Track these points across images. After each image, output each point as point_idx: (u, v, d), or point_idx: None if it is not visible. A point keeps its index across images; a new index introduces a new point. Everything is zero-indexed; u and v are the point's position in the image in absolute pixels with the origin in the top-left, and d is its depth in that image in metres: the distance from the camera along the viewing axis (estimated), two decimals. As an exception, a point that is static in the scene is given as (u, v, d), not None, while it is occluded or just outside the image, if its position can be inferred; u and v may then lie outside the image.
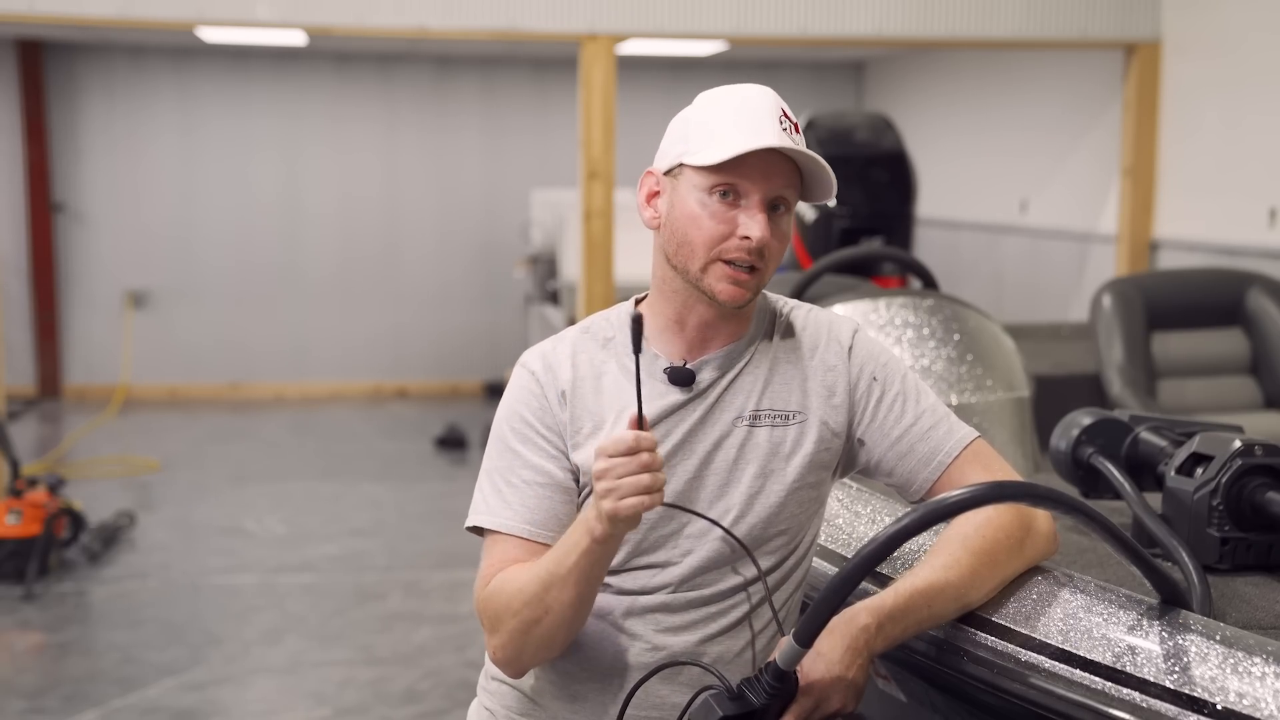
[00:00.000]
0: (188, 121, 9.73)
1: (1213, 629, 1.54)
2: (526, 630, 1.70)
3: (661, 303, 1.81)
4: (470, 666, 4.71)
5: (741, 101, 1.75)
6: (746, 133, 1.70)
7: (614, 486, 1.57)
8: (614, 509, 1.57)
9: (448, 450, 8.22)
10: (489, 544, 1.78)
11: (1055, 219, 7.25)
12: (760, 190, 1.72)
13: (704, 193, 1.73)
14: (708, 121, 1.74)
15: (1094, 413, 2.22)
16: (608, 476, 1.57)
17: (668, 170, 1.77)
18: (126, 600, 5.42)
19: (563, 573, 1.66)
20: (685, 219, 1.74)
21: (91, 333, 9.77)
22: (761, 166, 1.71)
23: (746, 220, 1.71)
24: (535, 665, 1.78)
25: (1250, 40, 5.55)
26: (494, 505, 1.78)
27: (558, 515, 1.76)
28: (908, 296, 3.16)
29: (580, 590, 1.67)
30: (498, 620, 1.72)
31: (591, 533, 1.62)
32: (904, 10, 6.03)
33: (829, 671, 1.61)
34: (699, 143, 1.73)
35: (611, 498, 1.57)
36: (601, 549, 1.64)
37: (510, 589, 1.70)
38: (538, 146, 10.00)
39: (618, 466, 1.57)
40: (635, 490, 1.57)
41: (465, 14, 5.90)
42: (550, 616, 1.68)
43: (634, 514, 1.58)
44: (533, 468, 1.77)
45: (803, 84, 10.25)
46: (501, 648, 1.74)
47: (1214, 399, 4.04)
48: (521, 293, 9.72)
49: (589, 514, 1.63)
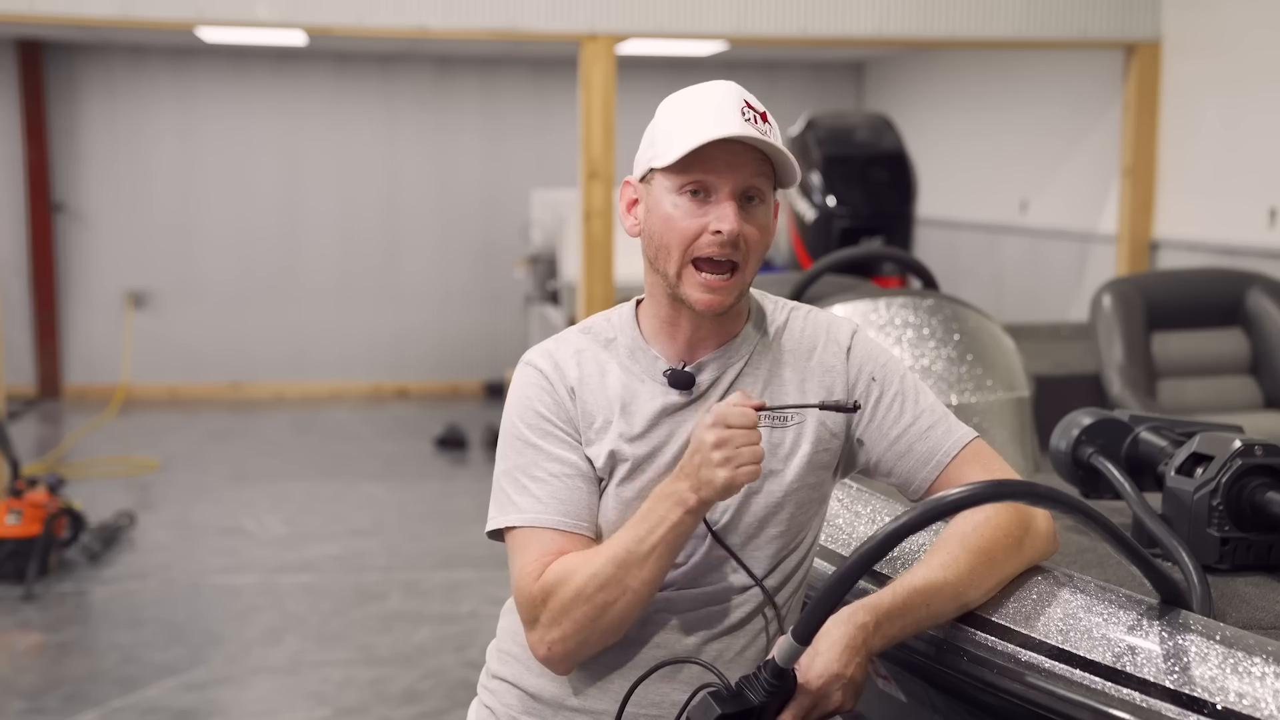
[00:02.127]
0: (188, 121, 9.73)
1: (1213, 629, 1.54)
2: (599, 615, 1.69)
3: (654, 306, 1.82)
4: (470, 666, 4.71)
5: (701, 98, 1.75)
6: (704, 126, 1.70)
7: (733, 455, 1.61)
8: (732, 476, 1.61)
9: (448, 450, 8.22)
10: (521, 542, 1.76)
11: (1055, 219, 7.25)
12: (728, 182, 1.71)
13: (674, 194, 1.73)
14: (669, 123, 1.75)
15: (1094, 413, 2.22)
16: (727, 445, 1.61)
17: (642, 177, 1.78)
18: (126, 600, 5.42)
19: (644, 550, 1.66)
20: (660, 222, 1.75)
21: (91, 333, 9.77)
22: (726, 159, 1.71)
23: (716, 214, 1.71)
24: (589, 655, 1.75)
25: (1250, 40, 5.55)
26: (522, 503, 1.76)
27: (588, 505, 1.76)
28: (908, 296, 3.16)
29: (661, 567, 1.68)
30: (563, 610, 1.69)
31: (685, 503, 1.64)
32: (904, 10, 6.03)
33: (827, 669, 1.62)
34: (663, 145, 1.74)
35: (729, 466, 1.61)
36: (691, 520, 1.66)
37: (581, 575, 1.68)
38: (538, 146, 10.00)
39: (738, 436, 1.61)
40: (754, 459, 1.62)
41: (465, 14, 5.90)
42: (626, 597, 1.68)
43: (748, 482, 1.63)
44: (557, 460, 1.77)
45: (803, 84, 10.25)
46: (563, 639, 1.71)
47: (1214, 399, 4.04)
48: (521, 293, 9.72)
49: (675, 486, 1.65)
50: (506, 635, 1.88)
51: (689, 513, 1.64)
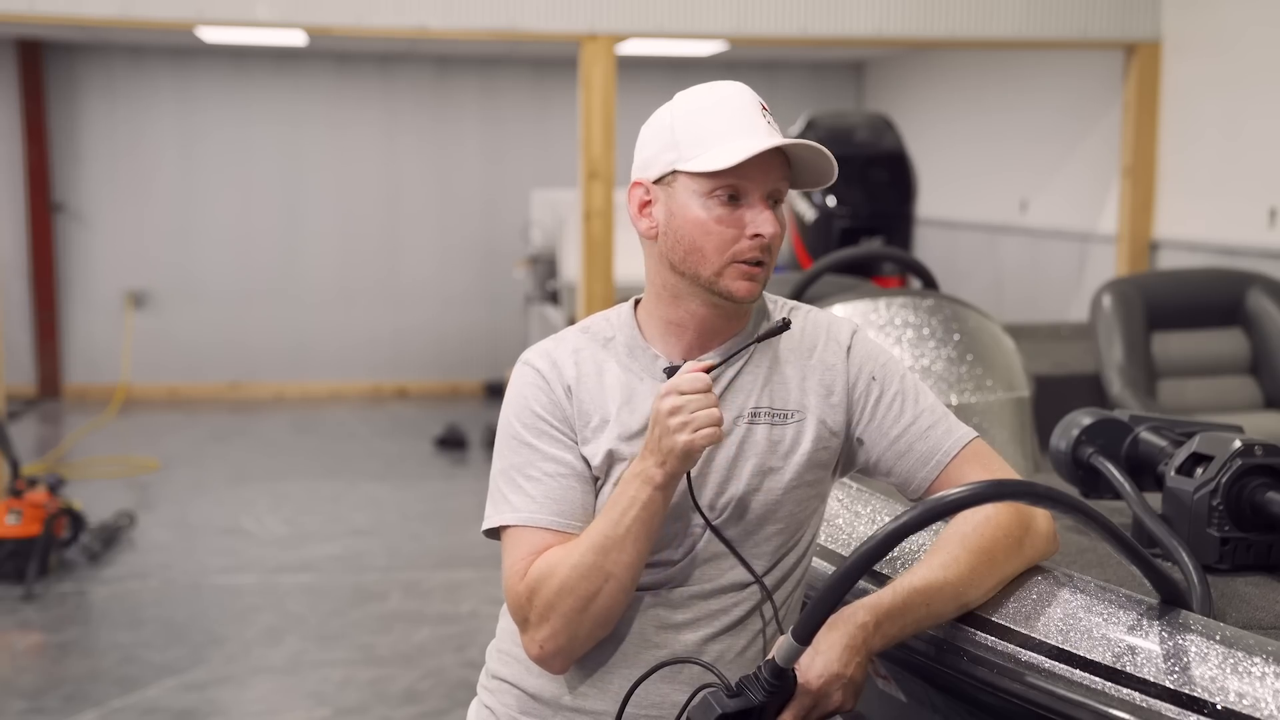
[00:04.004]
0: (188, 121, 9.73)
1: (1213, 629, 1.54)
2: (584, 606, 1.69)
3: (661, 307, 1.81)
4: (470, 666, 4.71)
5: (725, 101, 1.75)
6: (743, 134, 1.71)
7: (689, 420, 1.64)
8: (690, 440, 1.64)
9: (448, 450, 8.22)
10: (513, 542, 1.76)
11: (1055, 219, 7.25)
12: (761, 187, 1.73)
13: (705, 197, 1.73)
14: (696, 126, 1.74)
15: (1094, 413, 2.21)
16: (682, 411, 1.64)
17: (658, 179, 1.77)
18: (127, 600, 5.42)
19: (620, 533, 1.68)
20: (691, 226, 1.74)
21: (91, 333, 9.77)
22: (760, 164, 1.72)
23: (754, 219, 1.73)
24: (583, 651, 1.76)
25: (1250, 40, 5.55)
26: (516, 501, 1.77)
27: (582, 504, 1.76)
28: (908, 296, 3.16)
29: (639, 549, 1.69)
30: (549, 606, 1.70)
31: (651, 480, 1.66)
32: (904, 10, 6.03)
33: (827, 669, 1.62)
34: (692, 148, 1.73)
35: (687, 430, 1.64)
36: (661, 496, 1.68)
37: (562, 569, 1.70)
38: (538, 146, 10.00)
39: (692, 401, 1.64)
40: (710, 422, 1.64)
41: (465, 14, 5.90)
42: (610, 584, 1.69)
43: (707, 445, 1.65)
44: (551, 459, 1.77)
45: (803, 84, 10.25)
46: (554, 635, 1.72)
47: (1214, 399, 4.04)
48: (521, 293, 9.72)
49: (642, 466, 1.67)
50: (506, 635, 1.88)
51: (658, 489, 1.67)
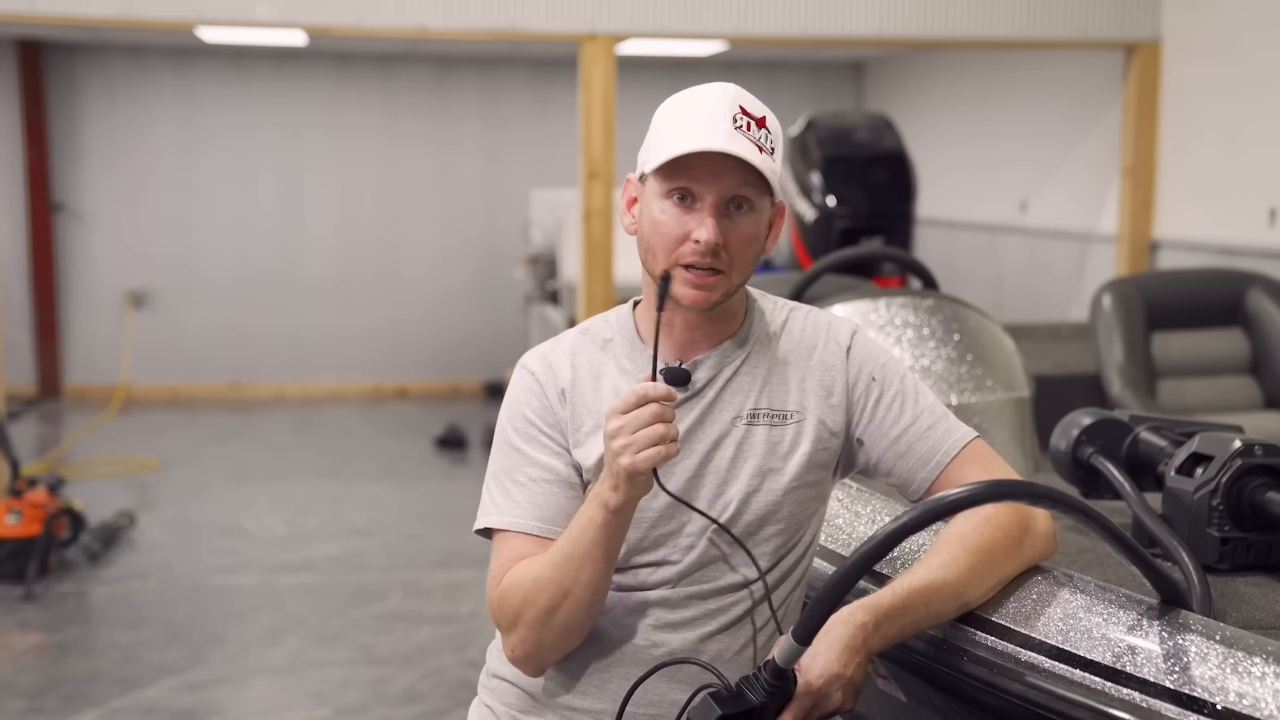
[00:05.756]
0: (188, 121, 9.72)
1: (1213, 629, 1.54)
2: (546, 619, 1.70)
3: (650, 307, 1.82)
4: (470, 666, 4.71)
5: (694, 104, 1.74)
6: (690, 135, 1.70)
7: (629, 441, 1.57)
8: (632, 464, 1.57)
9: (448, 450, 8.22)
10: (498, 544, 1.79)
11: (1055, 219, 7.25)
12: (712, 192, 1.71)
13: (662, 198, 1.73)
14: (663, 126, 1.75)
15: (1094, 413, 2.21)
16: (621, 434, 1.58)
17: (640, 177, 1.79)
18: (126, 600, 5.42)
19: (579, 552, 1.67)
20: (647, 224, 1.75)
21: (91, 333, 9.77)
22: (710, 168, 1.70)
23: (696, 223, 1.71)
24: (555, 658, 1.77)
25: (1250, 40, 5.55)
26: (501, 505, 1.79)
27: (565, 511, 1.77)
28: (908, 296, 3.16)
29: (597, 568, 1.68)
30: (516, 615, 1.73)
31: (606, 504, 1.63)
32: (904, 10, 6.03)
33: (827, 669, 1.62)
34: (654, 149, 1.74)
35: (628, 453, 1.57)
36: (617, 520, 1.65)
37: (526, 580, 1.71)
38: (538, 146, 10.00)
39: (630, 421, 1.58)
40: (650, 441, 1.57)
41: (465, 14, 5.90)
42: (570, 600, 1.69)
43: (652, 466, 1.58)
44: (538, 465, 1.78)
45: (803, 84, 10.25)
46: (521, 643, 1.74)
47: (1214, 399, 4.04)
48: (521, 293, 9.72)
49: (600, 487, 1.64)
50: (505, 635, 1.89)
51: (612, 512, 1.64)
